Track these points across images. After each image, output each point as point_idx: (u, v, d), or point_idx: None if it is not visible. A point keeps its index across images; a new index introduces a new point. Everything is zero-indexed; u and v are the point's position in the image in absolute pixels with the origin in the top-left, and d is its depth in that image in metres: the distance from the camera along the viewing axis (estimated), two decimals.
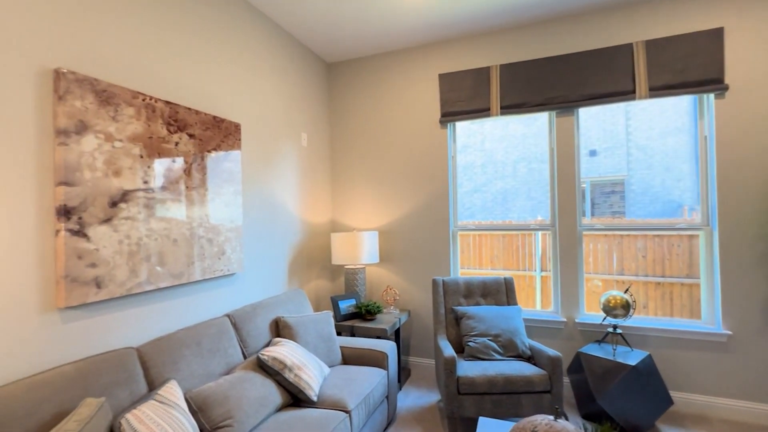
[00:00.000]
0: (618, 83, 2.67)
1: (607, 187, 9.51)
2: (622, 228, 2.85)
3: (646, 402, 2.24)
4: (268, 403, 1.77)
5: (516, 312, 2.58)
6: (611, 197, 9.73)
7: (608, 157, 8.18)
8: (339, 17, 2.76)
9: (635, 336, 2.64)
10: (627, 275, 5.11)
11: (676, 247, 3.61)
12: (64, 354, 1.47)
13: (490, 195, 9.04)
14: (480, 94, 3.03)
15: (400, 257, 3.29)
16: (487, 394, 2.14)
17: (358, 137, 3.47)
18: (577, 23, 2.79)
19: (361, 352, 2.41)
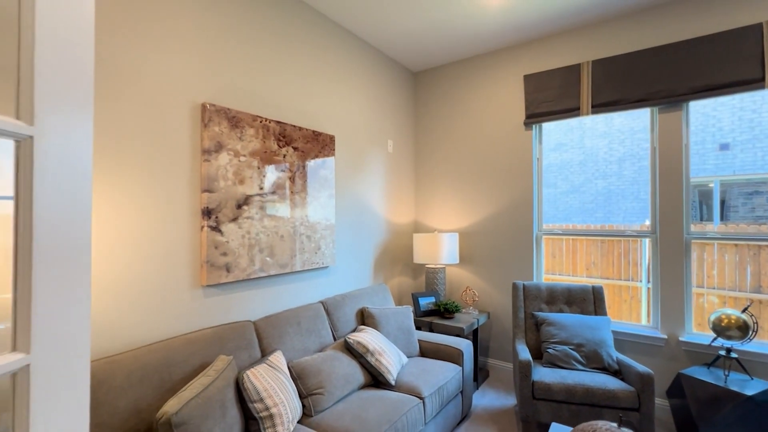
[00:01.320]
0: (739, 71, 2.33)
1: (748, 187, 7.94)
2: (737, 238, 2.47)
3: None
4: (353, 381, 2.04)
5: (604, 322, 2.45)
6: (754, 199, 8.09)
7: (746, 151, 6.83)
8: (423, 29, 2.93)
9: (758, 363, 2.28)
10: (765, 293, 4.35)
11: None
12: (205, 321, 1.93)
13: (589, 196, 8.28)
14: (569, 94, 2.91)
15: (481, 259, 3.33)
16: (565, 402, 2.10)
17: (441, 141, 3.60)
18: (684, 8, 2.50)
19: (438, 347, 2.56)
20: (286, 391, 1.70)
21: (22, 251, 0.53)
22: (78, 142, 0.59)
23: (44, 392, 0.54)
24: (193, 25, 1.90)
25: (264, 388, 1.62)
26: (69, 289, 0.57)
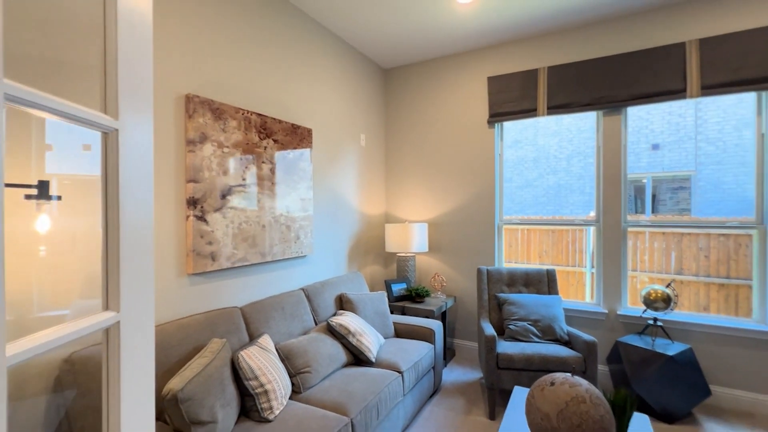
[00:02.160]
0: (668, 82, 2.72)
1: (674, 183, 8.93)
2: (668, 225, 2.90)
3: (684, 392, 2.35)
4: (336, 360, 2.18)
5: (556, 301, 2.77)
6: (679, 193, 9.12)
7: (673, 151, 7.70)
8: (395, 28, 3.08)
9: (678, 330, 2.71)
10: (686, 275, 4.97)
11: (744, 247, 3.52)
12: (192, 308, 1.98)
13: (541, 190, 8.91)
14: (527, 96, 3.20)
15: (448, 247, 3.58)
16: (524, 370, 2.38)
17: (410, 136, 3.79)
18: (625, 25, 2.86)
19: (411, 328, 2.76)
20: (277, 370, 1.81)
21: (112, 228, 0.63)
22: (144, 134, 0.69)
23: (128, 342, 0.64)
24: (177, 19, 1.92)
25: (258, 367, 1.72)
26: (142, 259, 0.68)
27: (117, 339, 0.62)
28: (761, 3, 2.47)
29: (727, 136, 7.08)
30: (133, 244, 0.66)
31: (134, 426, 0.65)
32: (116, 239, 0.62)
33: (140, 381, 0.67)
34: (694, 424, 2.36)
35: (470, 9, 2.78)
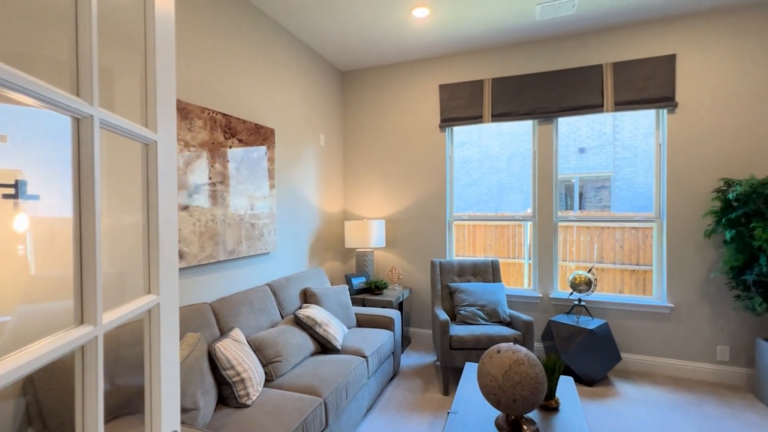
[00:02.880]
0: (589, 98, 3.18)
1: (597, 183, 10.06)
2: (588, 219, 3.40)
3: (601, 359, 2.81)
4: (305, 349, 2.32)
5: (499, 288, 3.13)
6: (601, 192, 10.28)
7: (596, 155, 8.70)
8: (353, 34, 3.24)
9: (597, 308, 3.20)
10: (605, 262, 5.66)
11: (650, 239, 4.13)
12: None
13: (485, 188, 9.56)
14: (474, 104, 3.54)
15: (404, 242, 3.83)
16: (474, 349, 2.69)
17: (367, 137, 3.97)
18: (557, 45, 3.28)
19: (372, 317, 2.96)
20: (251, 360, 1.91)
21: (152, 227, 0.74)
22: (171, 143, 0.81)
23: (165, 321, 0.77)
24: None
25: (233, 357, 1.82)
26: (172, 251, 0.80)
27: (158, 317, 0.75)
28: (660, 36, 3.00)
29: (638, 142, 8.15)
30: (166, 239, 0.78)
31: (169, 390, 0.78)
32: (156, 234, 0.74)
33: (172, 353, 0.79)
34: (608, 385, 2.83)
35: (424, 23, 3.02)
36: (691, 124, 2.94)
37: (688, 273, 2.95)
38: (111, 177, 1.47)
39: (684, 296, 2.97)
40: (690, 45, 2.93)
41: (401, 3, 2.73)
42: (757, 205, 2.45)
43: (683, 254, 2.97)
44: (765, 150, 2.77)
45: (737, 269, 2.60)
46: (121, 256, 1.55)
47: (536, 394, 1.50)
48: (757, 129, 2.78)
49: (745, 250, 2.53)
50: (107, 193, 1.51)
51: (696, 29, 2.91)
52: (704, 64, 2.90)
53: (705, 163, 2.91)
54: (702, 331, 2.92)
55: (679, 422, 2.34)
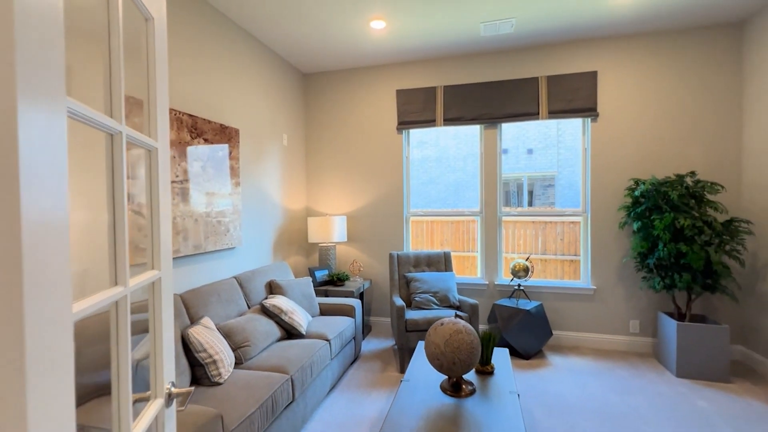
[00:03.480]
0: (527, 106, 3.59)
1: (545, 181, 10.86)
2: (526, 215, 3.82)
3: (536, 336, 3.22)
4: (272, 335, 2.50)
5: (450, 276, 3.47)
6: (548, 190, 11.11)
7: (542, 156, 9.43)
8: (315, 39, 3.43)
9: (534, 292, 3.63)
10: (548, 254, 6.17)
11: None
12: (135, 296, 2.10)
13: (443, 186, 10.02)
14: (428, 108, 3.85)
15: (364, 237, 4.08)
16: (426, 330, 2.99)
17: (329, 138, 4.17)
18: (500, 58, 3.67)
19: (335, 306, 3.19)
20: (222, 344, 2.08)
21: (155, 217, 0.93)
22: (166, 149, 1.00)
23: (164, 293, 0.96)
24: None
25: (205, 341, 1.98)
26: (167, 234, 0.99)
27: (159, 291, 0.94)
28: (585, 55, 3.46)
29: (578, 144, 8.95)
30: (164, 225, 0.97)
31: (168, 348, 0.97)
32: (158, 223, 0.93)
33: (169, 317, 0.99)
34: (542, 358, 3.26)
35: (382, 33, 3.28)
36: (609, 131, 3.43)
37: (607, 259, 3.45)
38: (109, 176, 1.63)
39: (604, 279, 3.46)
40: (609, 63, 3.41)
41: (360, 15, 2.96)
42: (656, 200, 2.95)
43: (604, 243, 3.46)
44: (665, 155, 3.30)
45: (643, 255, 3.10)
46: (131, 240, 1.67)
47: (472, 357, 1.81)
48: (661, 136, 3.31)
49: (648, 239, 3.03)
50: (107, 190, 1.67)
51: (614, 50, 3.39)
52: (620, 81, 3.39)
53: (620, 165, 3.41)
54: (618, 308, 3.43)
55: (595, 384, 2.78)
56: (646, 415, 2.37)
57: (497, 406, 1.80)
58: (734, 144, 3.16)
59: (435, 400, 1.86)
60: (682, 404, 2.48)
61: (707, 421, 2.28)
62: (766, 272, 2.89)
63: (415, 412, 1.75)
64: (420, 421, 1.67)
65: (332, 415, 2.40)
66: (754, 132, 3.01)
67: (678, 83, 3.26)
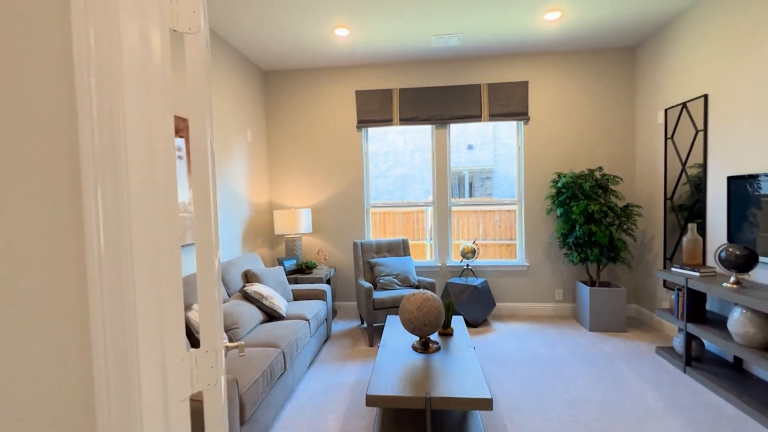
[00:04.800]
0: (471, 109, 4.11)
1: (483, 174, 11.81)
2: (472, 204, 4.38)
3: (482, 307, 3.78)
4: (255, 318, 2.73)
5: (409, 260, 3.90)
6: (486, 182, 12.10)
7: (481, 151, 10.30)
8: (277, 39, 3.61)
9: (480, 271, 4.21)
10: (488, 239, 6.83)
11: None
12: None
13: (391, 179, 10.49)
14: (385, 109, 4.21)
15: (328, 228, 4.36)
16: (392, 307, 3.40)
17: (291, 134, 4.36)
18: (449, 66, 4.14)
19: (307, 291, 3.46)
20: None
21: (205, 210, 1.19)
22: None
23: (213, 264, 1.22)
24: None
25: None
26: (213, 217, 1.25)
27: None
28: (518, 66, 4.05)
29: (512, 141, 9.91)
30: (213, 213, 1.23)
31: (221, 320, 1.24)
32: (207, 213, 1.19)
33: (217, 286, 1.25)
34: (487, 326, 3.84)
35: (345, 39, 3.56)
36: (538, 132, 4.07)
37: (537, 240, 4.12)
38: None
39: (535, 257, 4.13)
40: (538, 74, 4.03)
41: (326, 23, 3.22)
42: (573, 190, 3.63)
43: (534, 227, 4.12)
44: (580, 153, 4.02)
45: (564, 235, 3.78)
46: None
47: (439, 319, 2.23)
48: (577, 137, 4.02)
49: (568, 222, 3.71)
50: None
51: (542, 63, 4.02)
52: (546, 90, 4.04)
53: (546, 160, 4.07)
54: (546, 280, 4.12)
55: (529, 341, 3.40)
56: (566, 359, 3.01)
57: (458, 357, 2.25)
58: (629, 144, 3.97)
59: (409, 356, 2.26)
60: (592, 350, 3.17)
61: (610, 360, 2.97)
62: (651, 245, 3.72)
63: (394, 366, 2.14)
64: (400, 371, 2.06)
65: (315, 383, 2.71)
66: (643, 134, 3.81)
67: (589, 93, 3.99)
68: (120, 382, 0.66)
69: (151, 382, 0.71)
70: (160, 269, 0.73)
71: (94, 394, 0.66)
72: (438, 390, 1.87)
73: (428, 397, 1.81)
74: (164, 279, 0.74)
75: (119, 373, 0.66)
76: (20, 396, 0.63)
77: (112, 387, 0.66)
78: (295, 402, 2.48)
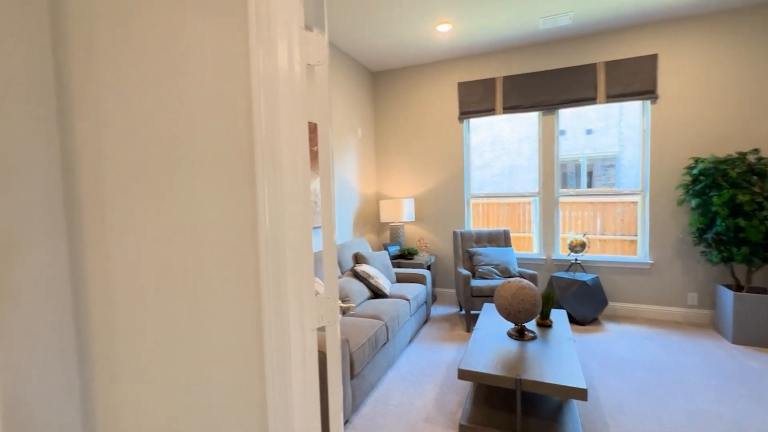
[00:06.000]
0: (584, 91, 3.81)
1: (606, 162, 10.54)
2: (581, 195, 4.06)
3: (592, 305, 3.54)
4: (363, 294, 3.11)
5: (510, 251, 3.86)
6: (608, 170, 10.77)
7: (603, 136, 9.19)
8: (383, 42, 3.90)
9: (591, 266, 3.91)
10: (607, 234, 6.26)
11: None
12: None
13: (497, 170, 10.16)
14: (488, 98, 4.19)
15: (429, 217, 4.57)
16: (490, 296, 3.45)
17: (396, 129, 4.67)
18: (557, 48, 3.89)
19: (408, 275, 3.74)
20: None
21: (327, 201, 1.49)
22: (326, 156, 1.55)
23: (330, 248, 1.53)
24: None
25: None
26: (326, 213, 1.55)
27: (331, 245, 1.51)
28: (644, 39, 3.59)
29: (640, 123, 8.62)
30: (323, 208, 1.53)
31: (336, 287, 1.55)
32: (328, 205, 1.50)
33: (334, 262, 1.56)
34: (598, 325, 3.57)
35: (447, 34, 3.67)
36: (669, 112, 3.56)
37: (665, 235, 3.63)
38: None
39: (662, 254, 3.65)
40: (669, 46, 3.52)
41: (429, 20, 3.38)
42: (715, 178, 3.10)
43: (661, 220, 3.64)
44: (726, 134, 3.38)
45: (701, 230, 3.26)
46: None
47: (535, 307, 2.25)
48: (721, 116, 3.39)
49: (706, 215, 3.19)
50: None
51: (674, 32, 3.49)
52: (681, 62, 3.49)
53: (679, 144, 3.54)
54: (675, 281, 3.62)
55: (648, 346, 3.08)
56: (694, 369, 2.65)
57: (555, 347, 2.23)
58: None
59: (503, 341, 2.33)
60: (732, 363, 2.72)
61: (757, 377, 2.52)
62: None
63: (487, 348, 2.24)
64: (492, 353, 2.17)
65: (414, 358, 2.97)
66: None
67: (739, 62, 3.31)
68: (277, 315, 0.97)
69: (295, 316, 1.01)
70: (300, 241, 1.02)
71: (262, 322, 0.99)
72: (529, 374, 1.93)
73: (519, 378, 1.89)
74: (302, 249, 1.03)
75: (277, 310, 0.97)
76: (220, 325, 0.99)
77: (273, 318, 0.98)
78: (396, 371, 2.77)
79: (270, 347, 0.97)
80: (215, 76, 0.97)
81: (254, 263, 0.98)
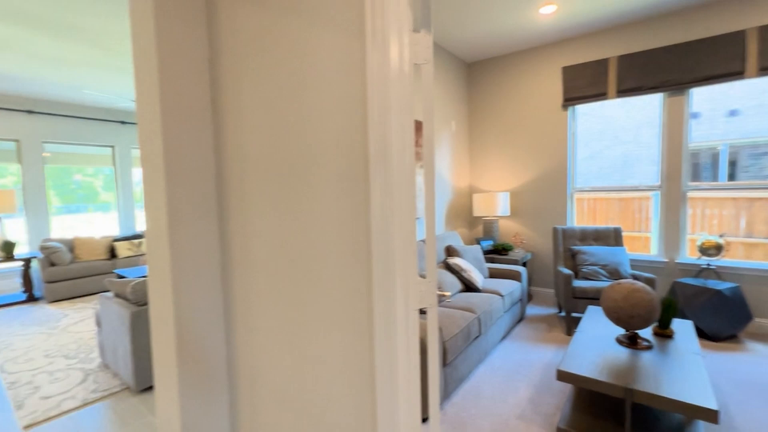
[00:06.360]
0: (727, 65, 3.20)
1: (758, 149, 8.64)
2: (718, 188, 3.43)
3: (729, 318, 2.99)
4: (455, 286, 3.13)
5: (621, 251, 3.47)
6: (761, 159, 8.80)
7: (752, 117, 7.53)
8: (480, 30, 3.80)
9: (728, 273, 3.30)
10: (754, 237, 5.27)
11: None
12: None
13: (607, 161, 9.09)
14: (599, 82, 3.79)
15: (526, 212, 4.34)
16: (594, 299, 3.16)
17: (491, 120, 4.52)
18: (687, 16, 3.33)
19: (502, 271, 3.63)
20: None
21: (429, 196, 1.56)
22: None
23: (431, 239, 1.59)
24: None
25: None
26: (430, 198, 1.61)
27: None
28: None
29: None
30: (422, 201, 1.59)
31: None
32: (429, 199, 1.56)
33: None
34: (737, 343, 3.01)
35: (551, 16, 3.42)
36: None
37: None
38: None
39: None
40: None
41: (530, 2, 3.20)
42: None
43: None
44: None
45: None
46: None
47: (650, 314, 2.02)
48: None
49: None
50: None
51: None
52: None
53: None
54: None
55: None
56: None
57: (677, 362, 1.98)
58: None
59: (610, 347, 2.15)
60: None
61: None
62: None
63: (591, 352, 2.09)
64: (597, 358, 2.01)
65: (507, 355, 2.90)
66: None
67: None
68: (385, 293, 1.08)
69: (400, 297, 1.11)
70: (406, 228, 1.11)
71: (372, 298, 1.11)
72: (643, 385, 1.75)
73: (629, 388, 1.73)
74: (408, 235, 1.12)
75: (385, 289, 1.08)
76: (336, 298, 1.14)
77: (382, 298, 1.09)
78: (488, 365, 2.75)
79: (379, 320, 1.08)
80: (337, 81, 1.10)
81: (366, 246, 1.10)
